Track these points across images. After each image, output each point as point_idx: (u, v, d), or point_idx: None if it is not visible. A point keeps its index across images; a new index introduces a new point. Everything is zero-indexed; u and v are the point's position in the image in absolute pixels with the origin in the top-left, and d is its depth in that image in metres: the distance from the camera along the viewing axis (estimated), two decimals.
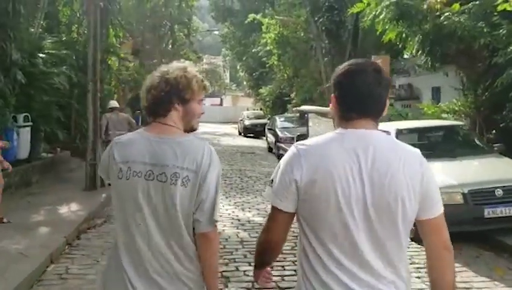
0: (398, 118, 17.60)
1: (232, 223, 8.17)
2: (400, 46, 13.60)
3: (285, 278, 5.48)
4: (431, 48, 11.59)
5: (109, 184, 2.32)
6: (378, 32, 13.46)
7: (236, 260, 6.20)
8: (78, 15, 14.65)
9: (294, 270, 5.20)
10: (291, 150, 1.92)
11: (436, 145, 8.53)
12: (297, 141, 11.35)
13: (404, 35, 12.42)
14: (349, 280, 1.81)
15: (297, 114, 15.10)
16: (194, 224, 2.10)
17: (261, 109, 38.31)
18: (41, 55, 10.75)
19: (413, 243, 6.93)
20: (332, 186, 1.79)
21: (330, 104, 2.03)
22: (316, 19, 23.01)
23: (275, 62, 28.26)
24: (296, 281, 2.07)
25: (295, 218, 1.96)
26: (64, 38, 14.80)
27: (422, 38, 11.58)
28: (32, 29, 11.45)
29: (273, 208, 1.93)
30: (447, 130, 8.80)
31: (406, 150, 1.91)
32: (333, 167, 1.80)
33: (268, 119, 28.72)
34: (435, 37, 11.45)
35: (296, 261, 2.22)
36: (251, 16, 28.47)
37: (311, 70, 25.19)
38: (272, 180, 1.94)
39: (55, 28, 14.73)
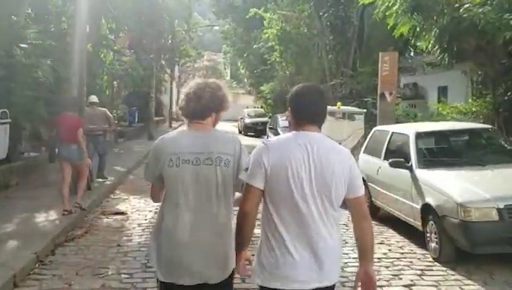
0: (405, 118, 16.73)
1: None
2: (413, 41, 12.71)
3: None
4: (449, 43, 10.67)
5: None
6: (389, 26, 12.56)
7: (236, 287, 5.25)
8: (68, 4, 13.67)
9: None
10: (260, 144, 2.64)
11: (461, 151, 7.56)
12: None
13: (418, 29, 11.52)
14: (294, 236, 2.55)
15: None
16: (235, 194, 2.88)
17: (261, 107, 37.44)
18: (22, 45, 9.75)
19: (437, 264, 6.07)
20: (289, 168, 2.51)
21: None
22: (321, 14, 22.07)
23: (277, 59, 27.30)
24: None
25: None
26: (53, 29, 13.83)
27: (439, 32, 10.66)
28: (14, 17, 10.43)
29: (248, 186, 2.60)
30: (473, 134, 7.80)
31: (339, 148, 2.68)
32: (290, 155, 2.53)
33: (270, 117, 27.80)
34: (452, 31, 10.53)
35: None
36: (252, 10, 27.52)
37: (314, 68, 24.28)
38: (247, 168, 2.61)
39: (44, 18, 13.74)
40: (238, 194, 2.85)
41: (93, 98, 11.62)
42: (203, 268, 2.78)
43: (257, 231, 2.69)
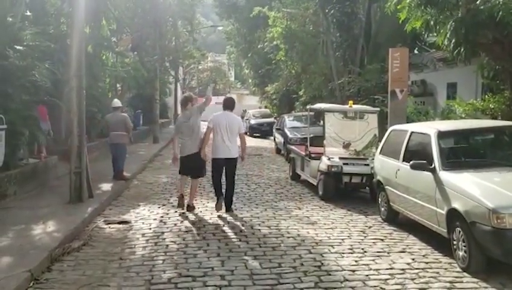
0: (416, 116, 16.17)
1: (238, 247, 6.72)
2: (425, 36, 12.19)
3: None
4: (465, 36, 10.13)
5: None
6: (400, 21, 12.04)
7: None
8: (66, 5, 13.25)
9: None
10: (211, 116, 9.18)
11: (488, 151, 7.01)
12: (310, 143, 12.02)
13: (432, 23, 10.99)
14: (225, 143, 8.86)
15: (311, 113, 13.59)
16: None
17: (266, 107, 36.93)
18: (18, 47, 9.28)
19: (466, 275, 5.55)
20: (219, 123, 8.92)
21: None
22: (327, 10, 21.55)
23: (282, 58, 26.75)
24: None
25: None
26: (52, 31, 13.41)
27: (455, 25, 10.12)
28: (10, 19, 9.97)
29: (208, 128, 8.97)
30: (500, 132, 7.21)
31: (236, 116, 9.40)
32: (220, 120, 8.98)
33: (275, 118, 27.25)
34: (469, 24, 10.01)
35: None
36: (256, 8, 27.00)
37: (320, 66, 23.70)
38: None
39: (43, 20, 13.32)
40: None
41: (116, 103, 12.41)
42: (191, 151, 8.92)
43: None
